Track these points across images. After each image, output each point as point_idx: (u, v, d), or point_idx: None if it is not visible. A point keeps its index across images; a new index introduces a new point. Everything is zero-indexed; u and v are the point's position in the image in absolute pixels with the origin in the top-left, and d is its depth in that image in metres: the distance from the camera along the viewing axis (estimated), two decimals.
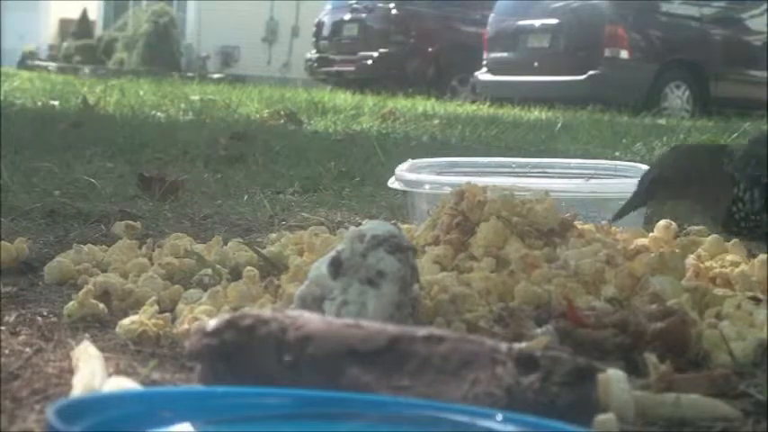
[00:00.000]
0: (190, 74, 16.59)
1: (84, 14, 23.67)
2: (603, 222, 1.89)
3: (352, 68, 13.38)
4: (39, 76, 12.30)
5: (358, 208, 2.82)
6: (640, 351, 1.28)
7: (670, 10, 10.75)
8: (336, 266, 1.35)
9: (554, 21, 10.54)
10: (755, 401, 1.19)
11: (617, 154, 4.51)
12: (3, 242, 1.89)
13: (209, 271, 1.80)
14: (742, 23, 10.96)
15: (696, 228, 2.09)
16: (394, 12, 13.27)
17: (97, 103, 6.74)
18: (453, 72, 12.72)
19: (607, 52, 10.16)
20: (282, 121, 6.03)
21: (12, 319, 1.49)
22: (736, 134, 5.72)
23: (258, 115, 6.42)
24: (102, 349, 1.27)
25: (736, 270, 1.70)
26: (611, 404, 1.09)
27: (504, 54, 11.04)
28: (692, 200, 1.73)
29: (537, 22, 10.72)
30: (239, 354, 1.11)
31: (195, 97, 7.73)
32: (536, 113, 8.36)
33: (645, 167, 2.49)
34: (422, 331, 1.09)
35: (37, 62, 21.10)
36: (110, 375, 1.16)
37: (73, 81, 10.72)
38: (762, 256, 1.68)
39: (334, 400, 1.02)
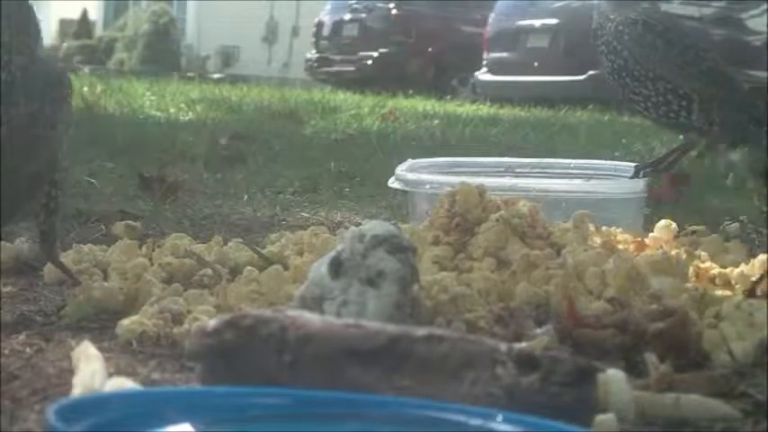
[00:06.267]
0: (190, 74, 16.58)
1: (85, 14, 23.68)
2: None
3: (352, 68, 13.36)
4: None
5: (358, 208, 2.82)
6: (640, 351, 1.28)
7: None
8: (336, 266, 1.35)
9: (554, 21, 10.53)
10: (755, 401, 1.19)
11: (617, 154, 4.51)
12: (3, 242, 1.89)
13: (209, 271, 1.80)
14: (742, 23, 10.95)
15: (696, 228, 2.09)
16: (394, 12, 13.26)
17: (97, 103, 6.74)
18: (453, 72, 12.71)
19: None
20: (282, 121, 6.04)
21: (12, 319, 1.49)
22: None
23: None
24: (102, 349, 1.27)
25: (736, 270, 1.70)
26: (611, 404, 1.09)
27: (504, 54, 11.02)
28: None
29: (537, 22, 10.71)
30: (239, 354, 1.11)
31: (196, 96, 7.73)
32: (536, 113, 8.36)
33: None
34: (422, 331, 1.09)
35: None
36: (110, 375, 1.16)
37: (73, 81, 10.71)
38: (762, 256, 1.68)
39: (334, 400, 1.02)
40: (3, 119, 1.36)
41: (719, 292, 1.56)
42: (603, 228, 1.89)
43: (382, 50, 13.07)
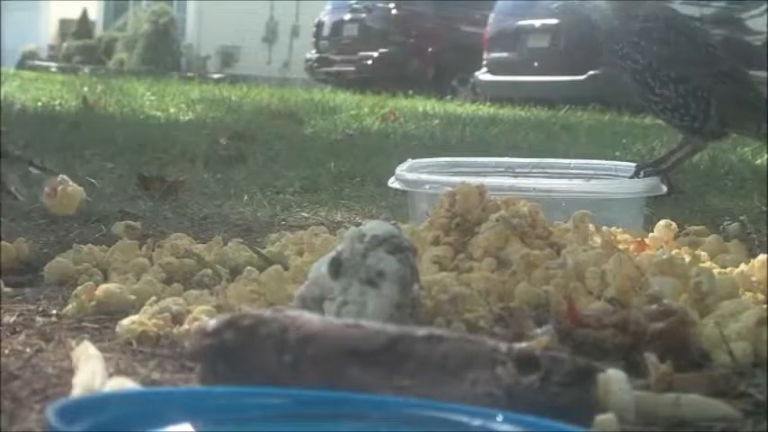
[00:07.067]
0: (190, 74, 16.59)
1: (84, 14, 23.69)
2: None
3: (352, 68, 13.37)
4: (39, 77, 12.31)
5: (358, 208, 2.82)
6: (640, 351, 1.28)
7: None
8: (336, 266, 1.35)
9: (554, 21, 10.53)
10: (755, 401, 1.19)
11: (617, 154, 4.51)
12: (3, 242, 1.89)
13: (209, 271, 1.80)
14: (742, 23, 10.95)
15: (696, 228, 2.09)
16: (394, 12, 13.26)
17: (97, 103, 6.74)
18: (453, 72, 12.71)
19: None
20: (282, 121, 6.04)
21: (12, 319, 1.49)
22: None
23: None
24: (102, 349, 1.27)
25: (736, 270, 1.70)
26: (611, 404, 1.09)
27: (504, 54, 11.02)
28: None
29: (537, 22, 10.71)
30: (239, 354, 1.11)
31: (196, 96, 7.74)
32: (536, 113, 8.36)
33: None
34: (422, 331, 1.09)
35: (37, 62, 21.12)
36: (110, 375, 1.16)
37: (73, 81, 10.73)
38: (762, 256, 1.68)
39: (334, 400, 1.02)
40: None
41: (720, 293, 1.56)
42: (603, 228, 1.89)
43: (382, 50, 13.08)
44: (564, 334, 1.33)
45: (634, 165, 2.55)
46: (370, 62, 13.17)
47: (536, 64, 10.59)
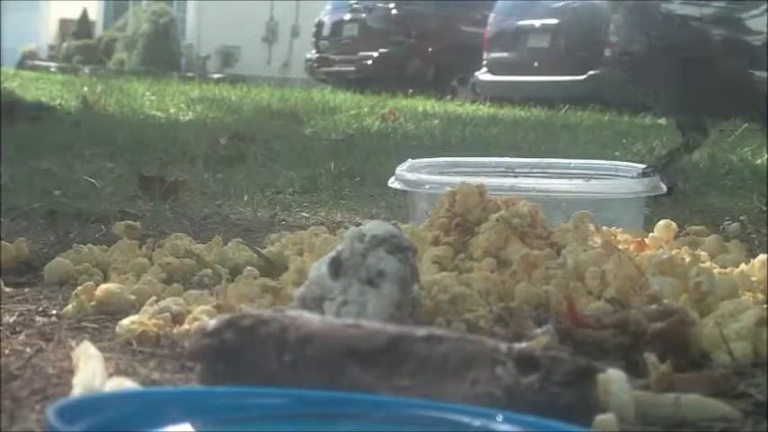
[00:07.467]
0: (190, 74, 16.59)
1: (84, 14, 23.70)
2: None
3: (352, 68, 13.38)
4: (39, 77, 12.31)
5: (358, 208, 2.82)
6: (640, 351, 1.28)
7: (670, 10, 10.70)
8: (336, 266, 1.35)
9: (554, 21, 10.53)
10: (755, 401, 1.19)
11: (617, 154, 4.51)
12: (3, 242, 1.89)
13: (209, 271, 1.80)
14: (742, 23, 10.95)
15: (696, 228, 2.09)
16: (394, 12, 13.27)
17: (97, 103, 6.74)
18: (453, 72, 12.71)
19: (607, 52, 10.14)
20: (282, 121, 6.04)
21: (12, 319, 1.49)
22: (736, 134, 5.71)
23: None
24: (102, 349, 1.27)
25: (736, 270, 1.70)
26: (611, 404, 1.09)
27: (504, 54, 11.02)
28: None
29: (537, 22, 10.71)
30: (239, 354, 1.11)
31: (196, 96, 7.73)
32: (536, 113, 8.36)
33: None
34: (422, 331, 1.09)
35: (37, 62, 21.13)
36: (110, 375, 1.16)
37: (73, 81, 10.73)
38: (762, 256, 1.68)
39: (334, 400, 1.02)
40: None
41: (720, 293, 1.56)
42: (603, 228, 1.89)
43: (382, 50, 13.09)
44: (564, 334, 1.33)
45: (634, 165, 2.55)
46: (370, 62, 13.17)
47: (536, 64, 10.59)
